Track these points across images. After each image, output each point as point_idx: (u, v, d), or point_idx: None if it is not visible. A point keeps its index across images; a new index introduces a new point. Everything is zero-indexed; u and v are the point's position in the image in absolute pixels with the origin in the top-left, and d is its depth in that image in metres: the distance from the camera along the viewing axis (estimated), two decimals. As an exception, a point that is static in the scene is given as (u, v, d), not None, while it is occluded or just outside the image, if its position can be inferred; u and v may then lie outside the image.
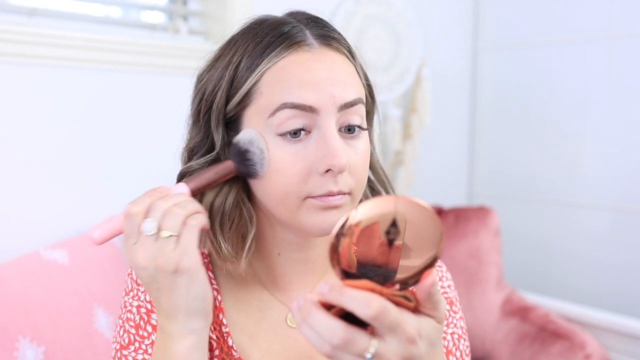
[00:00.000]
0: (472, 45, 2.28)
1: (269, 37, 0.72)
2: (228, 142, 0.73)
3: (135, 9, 1.69)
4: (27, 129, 1.38)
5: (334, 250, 0.54)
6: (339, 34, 0.76)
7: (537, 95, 2.10)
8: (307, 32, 0.73)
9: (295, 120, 0.68)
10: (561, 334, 1.62)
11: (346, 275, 0.55)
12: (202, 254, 0.81)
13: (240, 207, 0.74)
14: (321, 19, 0.77)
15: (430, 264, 0.55)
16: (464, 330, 0.84)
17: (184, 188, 0.70)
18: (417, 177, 2.10)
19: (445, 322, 0.81)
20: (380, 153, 1.57)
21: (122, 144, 1.51)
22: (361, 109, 0.72)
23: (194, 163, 0.74)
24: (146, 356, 0.74)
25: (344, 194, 0.70)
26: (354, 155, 0.71)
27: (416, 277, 0.55)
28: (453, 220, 1.85)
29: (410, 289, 0.56)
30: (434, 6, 2.14)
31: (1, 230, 1.35)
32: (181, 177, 0.75)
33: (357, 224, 0.53)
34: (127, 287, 0.78)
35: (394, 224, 0.53)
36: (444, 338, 0.80)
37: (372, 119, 0.80)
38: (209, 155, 0.74)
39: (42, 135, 1.40)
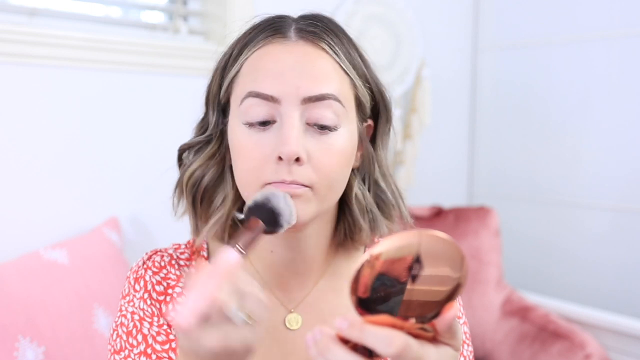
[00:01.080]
0: (472, 45, 2.28)
1: (256, 30, 0.75)
2: (222, 129, 0.77)
3: (135, 9, 1.69)
4: (27, 129, 1.38)
5: (355, 280, 0.54)
6: (332, 31, 0.75)
7: (537, 95, 2.10)
8: (292, 27, 0.74)
9: (258, 109, 0.70)
10: (561, 334, 1.62)
11: (363, 304, 0.54)
12: (201, 256, 0.81)
13: (217, 186, 0.77)
14: (319, 17, 0.77)
15: (452, 297, 0.54)
16: (468, 336, 0.84)
17: (236, 257, 0.62)
18: (417, 177, 2.10)
19: None
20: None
21: (122, 144, 1.51)
22: (334, 105, 0.71)
23: (190, 140, 0.79)
24: None
25: (300, 184, 0.69)
26: (319, 150, 0.70)
27: (437, 310, 0.54)
28: (453, 220, 1.85)
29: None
30: (434, 6, 2.14)
31: (1, 230, 1.35)
32: (180, 152, 0.81)
33: (377, 256, 0.53)
34: (124, 290, 0.78)
35: (417, 259, 0.53)
36: None
37: (384, 124, 0.80)
38: (203, 135, 0.78)
39: (42, 135, 1.40)
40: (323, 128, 0.71)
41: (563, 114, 2.02)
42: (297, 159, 0.68)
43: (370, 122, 0.79)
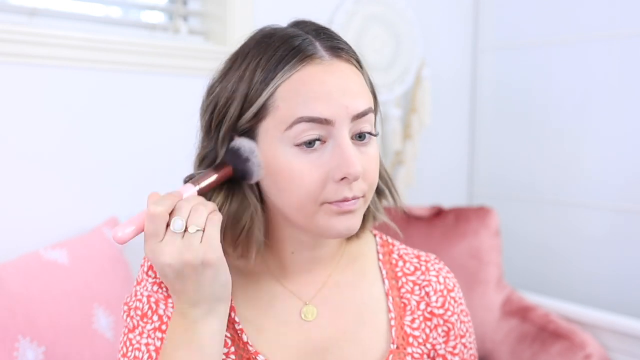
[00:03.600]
0: (472, 45, 2.28)
1: (281, 51, 0.74)
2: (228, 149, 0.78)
3: (135, 9, 1.69)
4: (27, 129, 1.38)
5: None
6: (346, 43, 0.79)
7: (537, 95, 2.10)
8: (317, 44, 0.75)
9: (311, 132, 0.72)
10: (561, 334, 1.62)
11: None
12: None
13: (252, 216, 0.78)
14: (328, 29, 0.79)
15: None
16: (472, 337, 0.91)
17: (192, 189, 0.75)
18: (417, 177, 2.10)
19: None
20: (381, 153, 1.58)
21: (122, 144, 1.51)
22: (371, 117, 0.76)
23: (202, 170, 0.80)
24: (149, 340, 0.77)
25: (358, 198, 0.74)
26: (366, 162, 0.75)
27: None
28: (453, 220, 1.85)
29: None
30: (434, 6, 2.14)
31: (1, 230, 1.35)
32: (188, 181, 0.80)
33: None
34: (138, 277, 0.81)
35: None
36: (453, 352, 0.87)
37: (376, 122, 0.83)
38: (215, 165, 0.80)
39: (42, 135, 1.40)
40: (362, 138, 0.75)
41: (563, 114, 2.02)
42: (356, 178, 0.72)
43: None
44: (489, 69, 2.24)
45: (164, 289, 0.79)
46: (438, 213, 1.89)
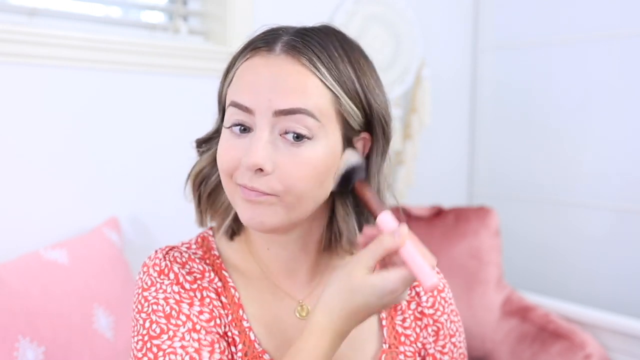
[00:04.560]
0: (472, 45, 2.28)
1: (251, 40, 0.79)
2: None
3: (135, 9, 1.69)
4: (26, 129, 1.38)
5: None
6: (321, 46, 0.76)
7: (537, 95, 2.10)
8: (279, 40, 0.77)
9: (235, 117, 0.76)
10: (561, 334, 1.62)
11: None
12: (214, 255, 0.84)
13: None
14: (315, 30, 0.79)
15: None
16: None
17: (395, 224, 0.74)
18: (417, 177, 2.10)
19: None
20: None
21: (122, 144, 1.51)
22: (304, 119, 0.73)
23: (205, 134, 0.85)
24: (184, 343, 0.75)
25: (262, 192, 0.74)
26: (287, 162, 0.73)
27: None
28: (453, 220, 1.85)
29: None
30: (434, 6, 2.14)
31: (1, 230, 1.35)
32: (197, 144, 0.86)
33: None
34: (146, 282, 0.79)
35: None
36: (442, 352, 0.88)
37: (379, 139, 0.80)
38: (213, 132, 0.85)
39: (41, 135, 1.40)
40: (295, 139, 0.74)
41: (563, 114, 2.02)
42: (260, 169, 0.73)
43: (365, 135, 0.80)
44: (489, 69, 2.24)
45: (188, 291, 0.79)
46: (438, 213, 1.89)
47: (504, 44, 2.19)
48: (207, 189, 0.84)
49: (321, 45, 0.76)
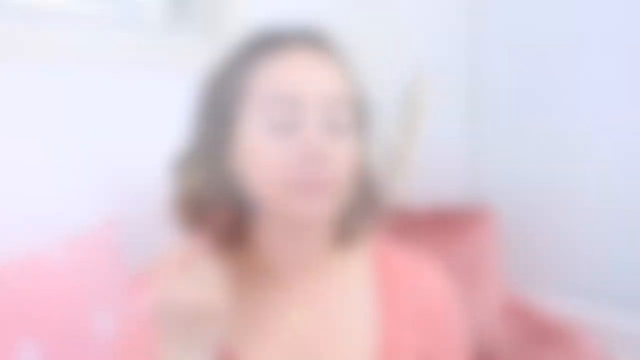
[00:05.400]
0: (472, 45, 2.28)
1: (263, 41, 0.84)
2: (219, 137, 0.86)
3: (135, 8, 1.69)
4: (26, 129, 1.38)
5: None
6: (329, 41, 0.82)
7: (537, 95, 2.10)
8: (295, 37, 0.81)
9: (280, 115, 0.76)
10: (563, 333, 1.62)
11: None
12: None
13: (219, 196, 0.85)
14: (313, 29, 0.83)
15: None
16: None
17: None
18: (417, 177, 2.10)
19: None
20: (381, 153, 1.59)
21: (121, 144, 1.51)
22: (346, 109, 0.78)
23: (184, 150, 0.90)
24: None
25: (323, 182, 0.75)
26: (336, 152, 0.76)
27: None
28: (453, 218, 1.85)
29: None
30: (434, 6, 2.14)
31: (1, 230, 1.35)
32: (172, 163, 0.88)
33: None
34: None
35: None
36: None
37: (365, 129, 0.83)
38: (200, 144, 0.88)
39: (41, 135, 1.40)
40: (339, 129, 0.75)
41: (563, 114, 2.02)
42: (320, 159, 0.73)
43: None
44: (489, 68, 2.24)
45: None
46: (438, 212, 1.89)
47: (504, 44, 2.19)
48: (203, 208, 0.80)
49: (330, 39, 0.82)
